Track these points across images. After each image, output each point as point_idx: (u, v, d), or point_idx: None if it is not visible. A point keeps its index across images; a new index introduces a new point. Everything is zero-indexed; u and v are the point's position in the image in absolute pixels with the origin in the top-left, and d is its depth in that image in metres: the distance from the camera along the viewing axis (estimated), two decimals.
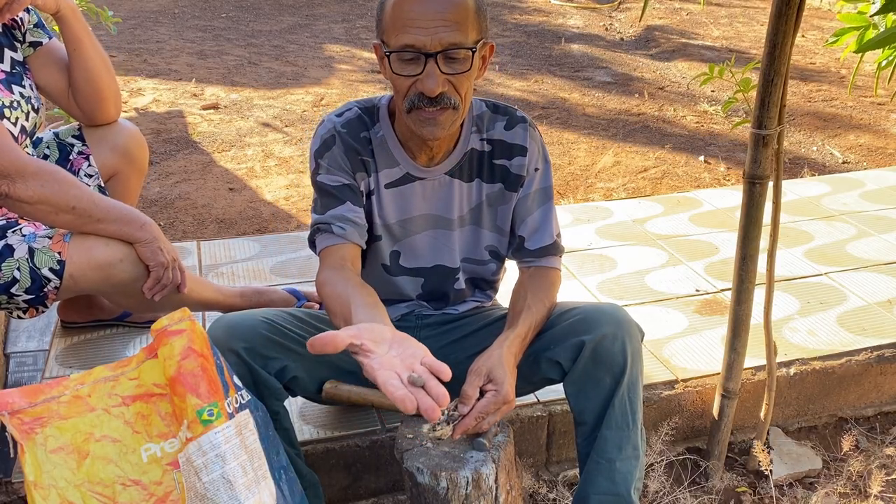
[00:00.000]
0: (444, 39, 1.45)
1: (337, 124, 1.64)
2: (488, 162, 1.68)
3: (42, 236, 1.83)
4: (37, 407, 1.36)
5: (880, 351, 2.29)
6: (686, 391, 2.11)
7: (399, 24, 1.46)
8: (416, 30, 1.45)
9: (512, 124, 1.67)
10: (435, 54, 1.46)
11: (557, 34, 6.55)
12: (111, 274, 1.84)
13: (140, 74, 5.02)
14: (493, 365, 1.47)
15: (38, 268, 1.80)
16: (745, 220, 1.84)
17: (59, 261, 1.81)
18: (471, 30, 1.49)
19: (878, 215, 3.16)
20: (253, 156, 3.88)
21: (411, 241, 1.71)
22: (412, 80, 1.49)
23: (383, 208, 1.67)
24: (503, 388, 1.44)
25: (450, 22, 1.45)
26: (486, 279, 1.79)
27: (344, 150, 1.63)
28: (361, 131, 1.64)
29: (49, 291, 1.83)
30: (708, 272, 2.70)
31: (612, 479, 1.58)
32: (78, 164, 2.02)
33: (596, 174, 3.83)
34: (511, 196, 1.69)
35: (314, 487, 1.68)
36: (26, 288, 1.81)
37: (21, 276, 1.80)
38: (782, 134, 1.78)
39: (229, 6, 7.08)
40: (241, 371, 1.53)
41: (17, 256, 1.81)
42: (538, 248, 1.72)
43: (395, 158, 1.65)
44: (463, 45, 1.47)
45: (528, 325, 1.60)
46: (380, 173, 1.65)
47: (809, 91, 5.19)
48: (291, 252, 2.77)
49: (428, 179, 1.66)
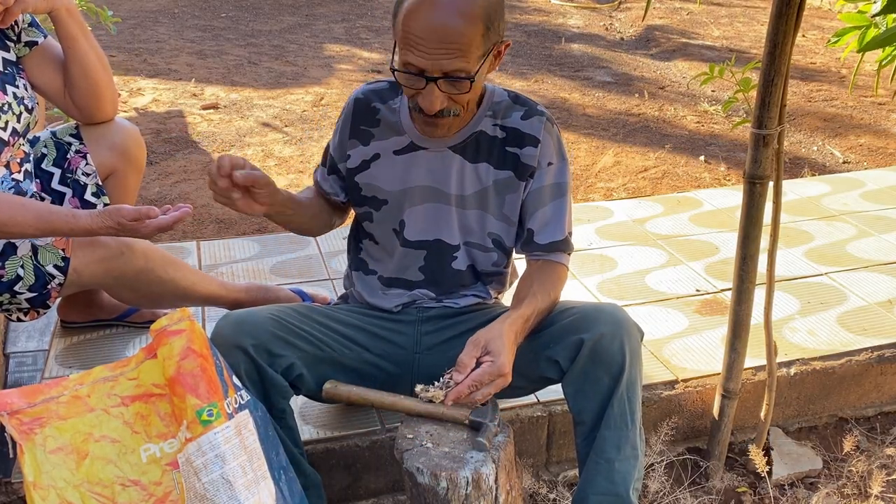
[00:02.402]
0: (445, 67, 1.48)
1: (360, 91, 1.75)
2: (500, 148, 1.69)
3: None
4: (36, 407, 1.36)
5: (880, 351, 2.29)
6: (686, 391, 2.11)
7: (404, 42, 1.49)
8: (419, 52, 1.47)
9: (529, 115, 1.69)
10: (436, 79, 1.49)
11: (557, 34, 6.55)
12: (114, 267, 1.86)
13: (140, 74, 5.02)
14: (493, 337, 1.50)
15: (43, 265, 1.81)
16: (746, 220, 1.84)
17: (64, 258, 1.82)
18: (475, 52, 1.49)
19: (878, 215, 3.16)
20: (253, 156, 3.88)
21: (413, 212, 1.73)
22: (414, 92, 1.54)
23: (385, 174, 1.72)
24: (499, 359, 1.47)
25: (452, 49, 1.46)
26: (488, 270, 1.79)
27: (350, 118, 1.74)
28: (375, 101, 1.73)
29: (52, 289, 1.83)
30: (708, 272, 2.69)
31: (612, 479, 1.57)
32: (75, 163, 2.02)
33: (596, 174, 3.83)
34: (519, 185, 1.70)
35: (316, 488, 1.68)
36: (30, 286, 1.82)
37: (25, 273, 1.81)
38: (782, 134, 1.78)
39: (229, 6, 7.08)
40: (248, 368, 1.54)
41: (20, 254, 1.81)
42: (547, 243, 1.71)
43: (402, 128, 1.70)
44: (462, 73, 1.49)
45: (533, 308, 1.60)
46: (386, 140, 1.71)
47: (810, 91, 5.19)
48: (291, 252, 2.77)
49: (430, 150, 1.69)
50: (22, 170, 1.91)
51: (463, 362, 1.48)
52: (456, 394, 1.46)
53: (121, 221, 1.72)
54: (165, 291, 1.99)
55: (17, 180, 1.88)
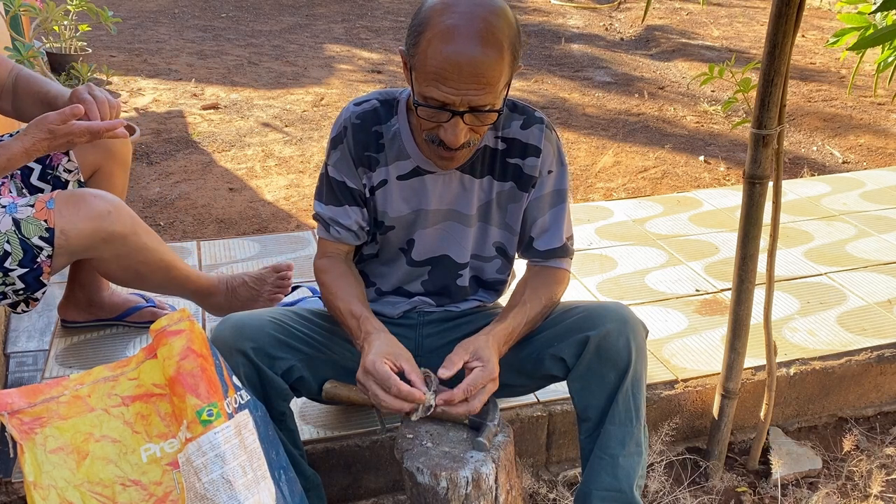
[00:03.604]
0: (473, 101, 1.43)
1: (353, 116, 1.64)
2: (501, 160, 1.67)
3: (24, 205, 1.79)
4: (36, 407, 1.36)
5: (880, 351, 2.29)
6: (686, 391, 2.11)
7: (431, 75, 1.42)
8: (447, 88, 1.41)
9: (528, 124, 1.66)
10: (462, 112, 1.45)
11: (557, 34, 6.55)
12: (101, 227, 1.81)
13: (140, 74, 5.02)
14: (480, 346, 1.53)
15: (28, 237, 1.76)
16: (745, 220, 1.84)
17: (48, 228, 1.78)
18: (502, 83, 1.45)
19: (878, 215, 3.16)
20: (253, 156, 3.88)
21: (423, 234, 1.71)
22: (435, 124, 1.49)
23: (393, 200, 1.67)
24: (489, 364, 1.50)
25: (482, 85, 1.42)
26: (490, 279, 1.79)
27: (353, 145, 1.63)
28: (374, 125, 1.64)
29: (43, 262, 1.79)
30: (708, 272, 2.69)
31: (615, 475, 1.58)
32: (57, 160, 1.99)
33: (596, 174, 3.83)
34: (522, 196, 1.69)
35: (317, 489, 1.68)
36: (20, 260, 1.77)
37: (12, 248, 1.76)
38: (782, 134, 1.78)
39: (229, 6, 7.09)
40: (248, 371, 1.54)
41: (3, 230, 1.77)
42: (546, 250, 1.71)
43: (406, 152, 1.65)
44: (490, 107, 1.46)
45: (519, 320, 1.61)
46: (390, 166, 1.65)
47: (809, 91, 5.19)
48: (291, 252, 2.77)
49: (438, 174, 1.65)
50: None
51: (452, 361, 1.49)
52: (450, 395, 1.47)
53: (50, 128, 1.69)
54: (151, 262, 1.94)
55: None
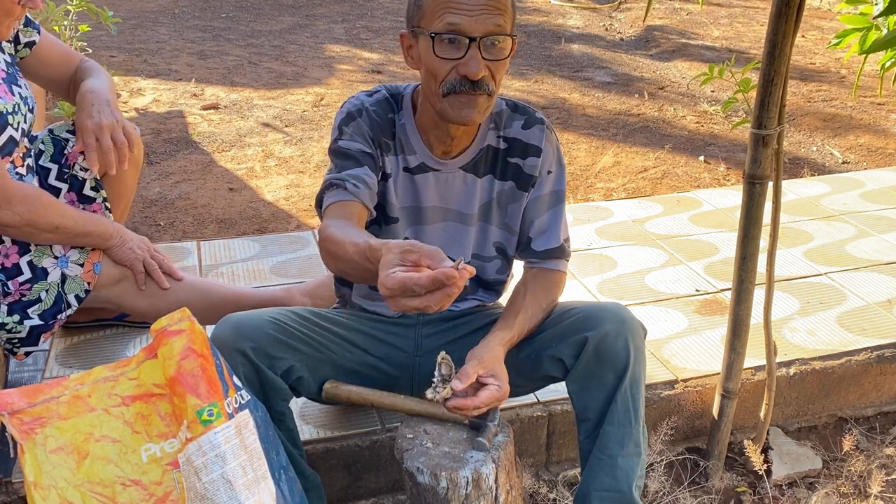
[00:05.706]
0: (489, 23, 1.48)
1: (366, 102, 1.66)
2: (502, 159, 1.69)
3: (73, 263, 1.92)
4: (36, 407, 1.36)
5: (880, 351, 2.29)
6: (686, 391, 2.11)
7: (443, 7, 1.49)
8: (461, 12, 1.47)
9: (530, 124, 1.69)
10: (478, 39, 1.49)
11: (557, 34, 6.55)
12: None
13: (140, 74, 5.02)
14: (495, 361, 1.53)
15: (66, 294, 1.90)
16: (745, 220, 1.84)
17: (87, 290, 1.92)
18: (509, 17, 1.52)
19: (877, 215, 3.16)
20: (253, 156, 3.88)
21: (424, 231, 1.71)
22: (453, 64, 1.51)
23: (399, 192, 1.68)
24: (504, 384, 1.51)
25: (493, 7, 1.48)
26: (490, 279, 1.79)
27: (370, 124, 1.64)
28: (389, 113, 1.67)
29: (59, 321, 1.92)
30: (708, 272, 2.70)
31: (614, 475, 1.58)
32: (73, 159, 2.04)
33: (596, 174, 3.83)
34: (522, 195, 1.70)
35: (317, 489, 1.68)
36: (44, 311, 1.89)
37: (46, 298, 1.88)
38: (782, 134, 1.78)
39: (229, 6, 7.08)
40: (247, 371, 1.53)
41: (49, 280, 1.89)
42: (544, 251, 1.72)
43: (412, 147, 1.66)
44: (504, 31, 1.51)
45: (521, 329, 1.63)
46: (399, 157, 1.67)
47: (809, 91, 5.19)
48: (291, 252, 2.78)
49: (442, 172, 1.67)
50: (24, 164, 1.93)
51: (466, 373, 1.48)
52: (462, 404, 1.47)
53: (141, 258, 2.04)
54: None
55: (21, 174, 1.91)
